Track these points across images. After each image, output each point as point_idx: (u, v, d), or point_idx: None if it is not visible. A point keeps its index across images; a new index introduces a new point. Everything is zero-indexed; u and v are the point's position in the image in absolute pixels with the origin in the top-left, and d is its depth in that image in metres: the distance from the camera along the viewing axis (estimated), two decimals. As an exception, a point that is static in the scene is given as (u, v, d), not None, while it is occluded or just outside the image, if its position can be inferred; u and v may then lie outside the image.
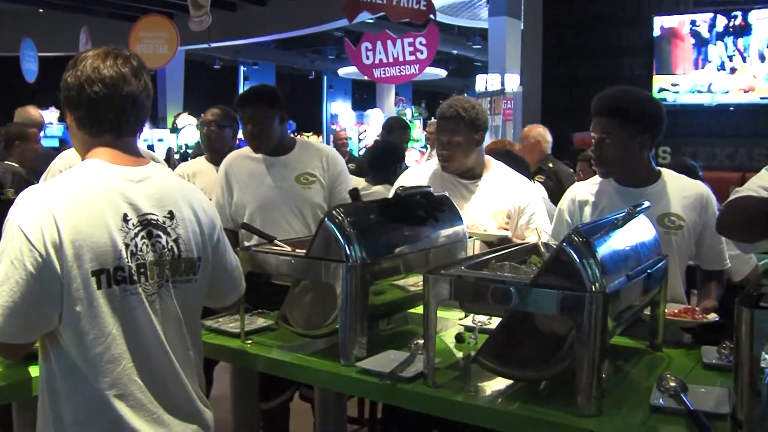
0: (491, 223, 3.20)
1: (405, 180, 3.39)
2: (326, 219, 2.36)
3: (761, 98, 8.66)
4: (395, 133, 7.12)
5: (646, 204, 2.38)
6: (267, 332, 2.67)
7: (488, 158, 3.40)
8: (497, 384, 2.13)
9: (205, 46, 14.50)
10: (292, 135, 4.19)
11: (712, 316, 2.57)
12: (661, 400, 1.96)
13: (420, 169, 3.52)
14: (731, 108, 8.81)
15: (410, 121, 16.76)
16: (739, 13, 8.81)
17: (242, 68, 23.93)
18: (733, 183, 5.81)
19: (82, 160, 1.95)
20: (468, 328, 2.63)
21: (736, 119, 8.80)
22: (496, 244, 2.95)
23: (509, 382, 2.13)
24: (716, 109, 8.87)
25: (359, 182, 4.65)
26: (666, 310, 2.56)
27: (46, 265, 1.74)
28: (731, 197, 2.41)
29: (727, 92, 8.87)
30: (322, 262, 2.35)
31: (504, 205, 3.27)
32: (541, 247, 2.52)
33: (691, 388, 2.00)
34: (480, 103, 3.47)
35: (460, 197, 3.23)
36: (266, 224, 3.40)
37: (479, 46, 18.35)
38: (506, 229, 3.18)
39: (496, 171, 3.38)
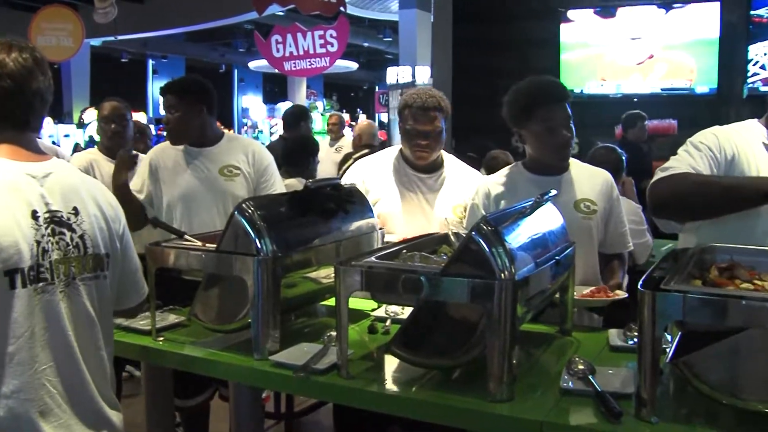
0: (452, 217, 3.20)
1: (357, 173, 3.36)
2: (236, 212, 2.34)
3: (662, 89, 8.96)
4: (300, 124, 7.09)
5: (554, 192, 2.44)
6: (179, 329, 2.64)
7: (442, 152, 3.41)
8: (411, 373, 2.14)
9: (112, 38, 14.17)
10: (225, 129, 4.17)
11: (622, 293, 2.66)
12: (570, 383, 2.01)
13: (371, 163, 3.46)
14: (635, 99, 9.07)
15: (322, 114, 16.71)
16: (643, 7, 9.08)
17: (151, 61, 23.45)
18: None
19: None
20: (380, 319, 2.65)
21: (640, 109, 9.06)
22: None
23: (423, 370, 2.15)
24: (622, 99, 9.12)
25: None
26: (578, 293, 2.63)
27: None
28: (663, 175, 2.44)
29: (631, 83, 9.15)
30: (233, 256, 2.33)
31: (462, 198, 3.29)
32: (452, 237, 2.56)
33: (599, 370, 2.05)
34: None
35: (419, 190, 3.27)
36: (187, 216, 3.38)
37: (390, 39, 18.41)
38: None
39: (450, 163, 3.41)
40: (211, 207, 3.43)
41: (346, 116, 13.61)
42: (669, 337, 2.15)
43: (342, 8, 9.28)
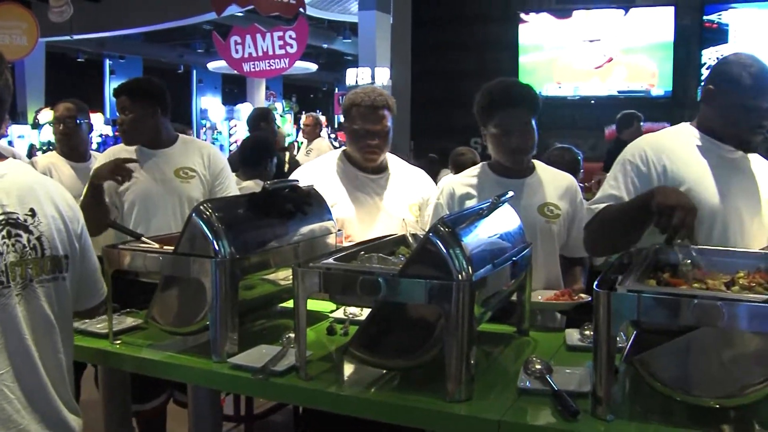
0: (409, 216, 3.18)
1: (303, 177, 3.23)
2: (194, 214, 2.33)
3: (619, 91, 9.08)
4: (263, 126, 7.06)
5: (510, 194, 2.46)
6: (136, 332, 2.61)
7: None
8: (370, 374, 2.15)
9: (68, 38, 13.98)
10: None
11: (586, 297, 2.70)
12: (527, 383, 2.03)
13: (316, 169, 3.36)
14: (592, 101, 9.20)
15: (281, 116, 16.64)
16: (600, 11, 9.20)
17: (108, 62, 23.15)
18: (595, 173, 6.08)
19: None
20: (339, 320, 2.65)
21: (597, 111, 9.21)
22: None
23: (382, 371, 2.15)
24: (579, 102, 9.24)
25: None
26: (542, 297, 2.66)
27: None
28: (589, 218, 2.57)
29: (589, 86, 9.27)
30: (191, 258, 2.31)
31: (415, 198, 3.28)
32: (409, 238, 2.56)
33: (556, 370, 2.08)
34: None
35: (371, 192, 3.23)
36: (144, 218, 3.35)
37: (349, 40, 18.40)
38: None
39: (395, 163, 3.38)
40: (167, 209, 3.41)
41: (323, 118, 13.53)
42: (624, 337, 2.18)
43: (301, 9, 9.26)
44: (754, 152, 2.63)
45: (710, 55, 8.67)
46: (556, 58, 9.33)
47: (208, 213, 2.32)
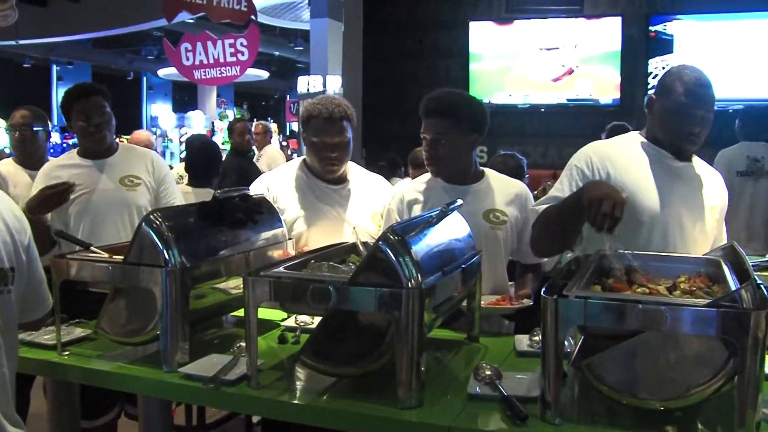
0: (371, 226, 3.18)
1: (266, 186, 3.24)
2: (143, 223, 2.31)
3: (568, 100, 9.21)
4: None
5: (459, 202, 2.49)
6: (85, 342, 2.58)
7: None
8: (322, 382, 2.15)
9: (13, 43, 13.73)
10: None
11: (527, 302, 2.74)
12: (477, 389, 2.05)
13: (277, 180, 3.31)
14: (542, 109, 9.31)
15: (232, 123, 16.50)
16: (549, 20, 9.33)
17: (55, 67, 22.79)
18: (546, 179, 6.14)
19: None
20: (290, 329, 2.65)
21: (547, 119, 9.33)
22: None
23: (333, 379, 2.16)
24: (529, 110, 9.35)
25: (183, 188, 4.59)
26: (485, 301, 2.69)
27: None
28: (534, 219, 2.65)
29: (538, 94, 9.38)
30: (140, 267, 2.30)
31: (377, 206, 3.27)
32: (360, 246, 2.58)
33: (506, 375, 2.10)
34: None
35: (334, 203, 3.21)
36: (92, 228, 3.32)
37: (301, 48, 18.33)
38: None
39: (356, 172, 3.38)
40: (115, 217, 3.39)
41: (273, 126, 13.48)
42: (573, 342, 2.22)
43: (253, 17, 9.23)
44: (687, 160, 2.71)
45: (656, 65, 8.84)
46: (506, 67, 9.43)
47: (158, 222, 2.31)
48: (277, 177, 3.32)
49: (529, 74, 9.36)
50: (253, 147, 8.73)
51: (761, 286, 1.84)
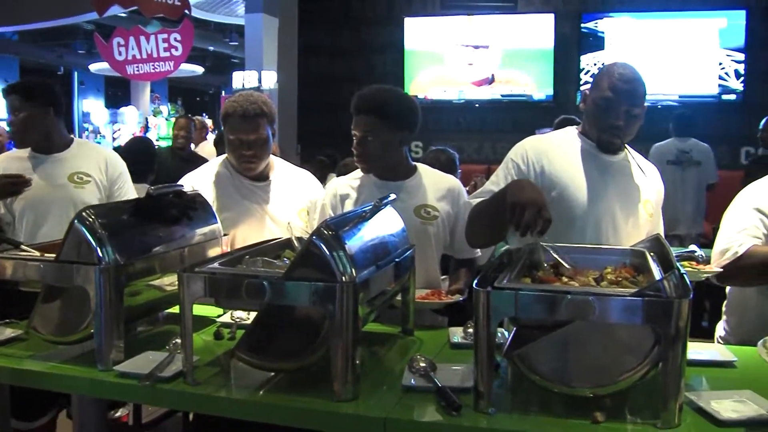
0: (298, 222, 3.16)
1: (190, 184, 3.14)
2: (76, 221, 2.28)
3: (503, 95, 9.32)
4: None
5: (392, 196, 2.51)
6: (16, 343, 2.53)
7: (271, 157, 3.34)
8: (258, 377, 2.16)
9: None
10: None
11: (456, 297, 2.77)
12: (412, 381, 2.07)
13: (203, 173, 3.29)
14: (477, 105, 9.41)
15: (167, 119, 16.34)
16: (483, 16, 9.43)
17: (-20, 61, 22.20)
18: (477, 174, 6.23)
19: None
20: (226, 325, 2.65)
21: (481, 115, 9.43)
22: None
23: (269, 374, 2.17)
24: (464, 105, 9.44)
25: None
26: (416, 295, 2.72)
27: None
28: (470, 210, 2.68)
29: (473, 90, 9.48)
30: (73, 265, 2.27)
31: (303, 202, 3.27)
32: (295, 242, 2.59)
33: (440, 367, 2.14)
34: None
35: (259, 200, 3.20)
36: (36, 223, 3.27)
37: (236, 43, 18.20)
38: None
39: (281, 168, 3.36)
40: (62, 215, 3.31)
41: (209, 121, 13.32)
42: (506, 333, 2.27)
43: (186, 11, 9.13)
44: (613, 154, 2.78)
45: (588, 61, 9.02)
46: (441, 63, 9.50)
47: (91, 219, 2.28)
48: (201, 175, 3.29)
49: (463, 71, 9.45)
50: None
51: (684, 275, 1.91)
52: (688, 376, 1.91)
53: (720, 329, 2.87)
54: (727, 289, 2.86)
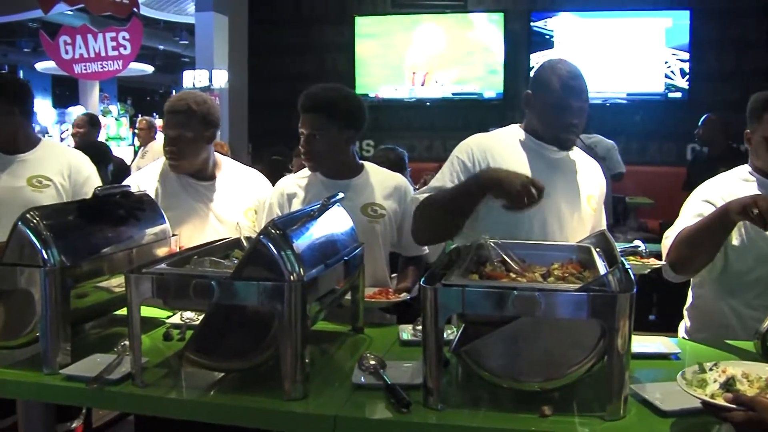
0: (244, 222, 3.13)
1: (136, 184, 3.14)
2: (19, 222, 2.25)
3: (453, 94, 9.37)
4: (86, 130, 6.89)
5: (340, 195, 2.52)
6: (-42, 348, 2.49)
7: (219, 156, 3.33)
8: (208, 378, 2.15)
9: None
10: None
11: (403, 296, 2.79)
12: (362, 378, 2.09)
13: (149, 173, 3.27)
14: (428, 103, 9.45)
15: (116, 119, 16.14)
16: (434, 15, 9.47)
17: None
18: (427, 172, 6.26)
19: None
20: (176, 326, 2.63)
21: (432, 113, 9.47)
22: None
23: (219, 374, 2.16)
24: (415, 103, 9.47)
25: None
26: (365, 294, 2.73)
27: None
28: (414, 207, 2.71)
29: (423, 88, 9.52)
30: (17, 268, 2.23)
31: (250, 202, 3.25)
32: (244, 242, 2.58)
33: (390, 364, 2.15)
34: (212, 98, 3.37)
35: (204, 199, 3.18)
36: None
37: (186, 42, 18.01)
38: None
39: (228, 167, 3.34)
40: (15, 217, 3.22)
41: (158, 121, 13.18)
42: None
43: (135, 9, 9.03)
44: (569, 150, 2.83)
45: (537, 60, 9.11)
46: (391, 61, 9.52)
47: (35, 220, 2.25)
48: (147, 174, 3.27)
49: (413, 69, 9.48)
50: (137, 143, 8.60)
51: (628, 270, 1.94)
52: (633, 369, 1.95)
53: (681, 330, 2.91)
54: (689, 291, 2.88)
